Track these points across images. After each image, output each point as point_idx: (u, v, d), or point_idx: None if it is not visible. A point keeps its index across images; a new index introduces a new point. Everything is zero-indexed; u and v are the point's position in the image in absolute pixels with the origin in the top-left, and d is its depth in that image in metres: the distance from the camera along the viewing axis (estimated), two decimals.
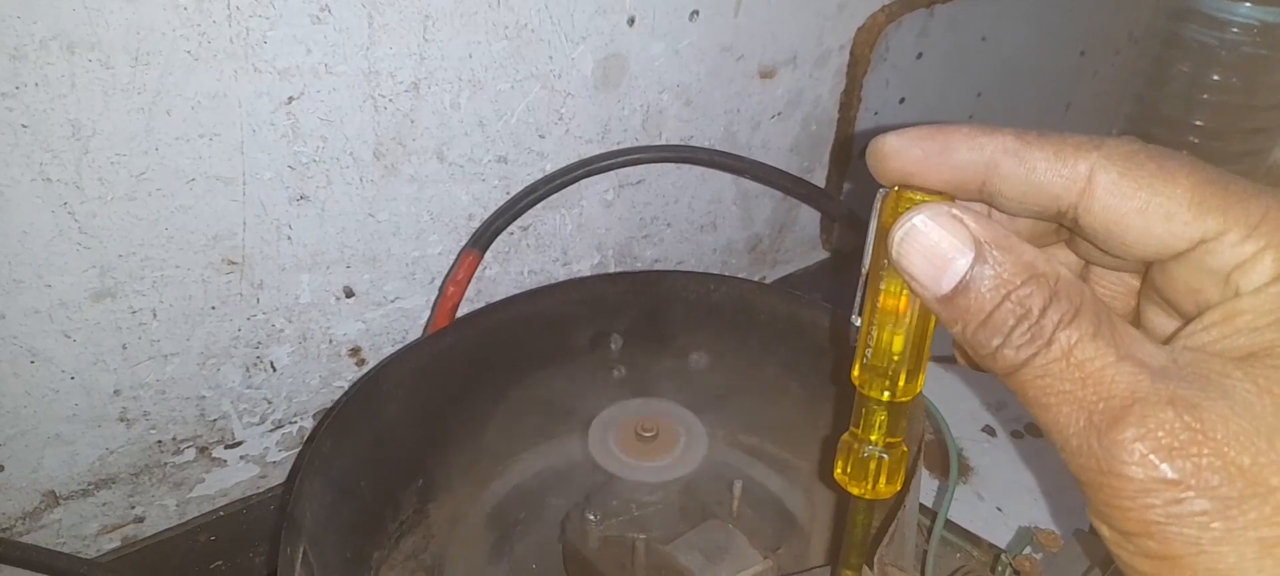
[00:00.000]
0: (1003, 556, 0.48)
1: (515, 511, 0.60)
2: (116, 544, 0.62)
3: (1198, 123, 0.98)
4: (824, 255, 0.95)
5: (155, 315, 0.55)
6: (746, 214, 0.85)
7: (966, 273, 0.24)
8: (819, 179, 0.87)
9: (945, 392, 0.79)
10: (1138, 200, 0.25)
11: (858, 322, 0.29)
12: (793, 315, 0.62)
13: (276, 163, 0.55)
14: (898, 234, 0.26)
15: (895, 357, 0.28)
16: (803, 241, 0.92)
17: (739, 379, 0.64)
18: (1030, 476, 0.73)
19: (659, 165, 0.74)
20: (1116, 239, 0.26)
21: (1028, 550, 0.47)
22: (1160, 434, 0.22)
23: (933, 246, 0.25)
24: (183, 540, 0.63)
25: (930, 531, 0.52)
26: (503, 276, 0.70)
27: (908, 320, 0.28)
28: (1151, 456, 0.22)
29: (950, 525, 0.58)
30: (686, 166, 0.76)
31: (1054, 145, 0.26)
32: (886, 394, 0.29)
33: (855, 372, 0.30)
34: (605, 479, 0.52)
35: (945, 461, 0.53)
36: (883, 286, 0.28)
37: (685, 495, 0.54)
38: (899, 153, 0.27)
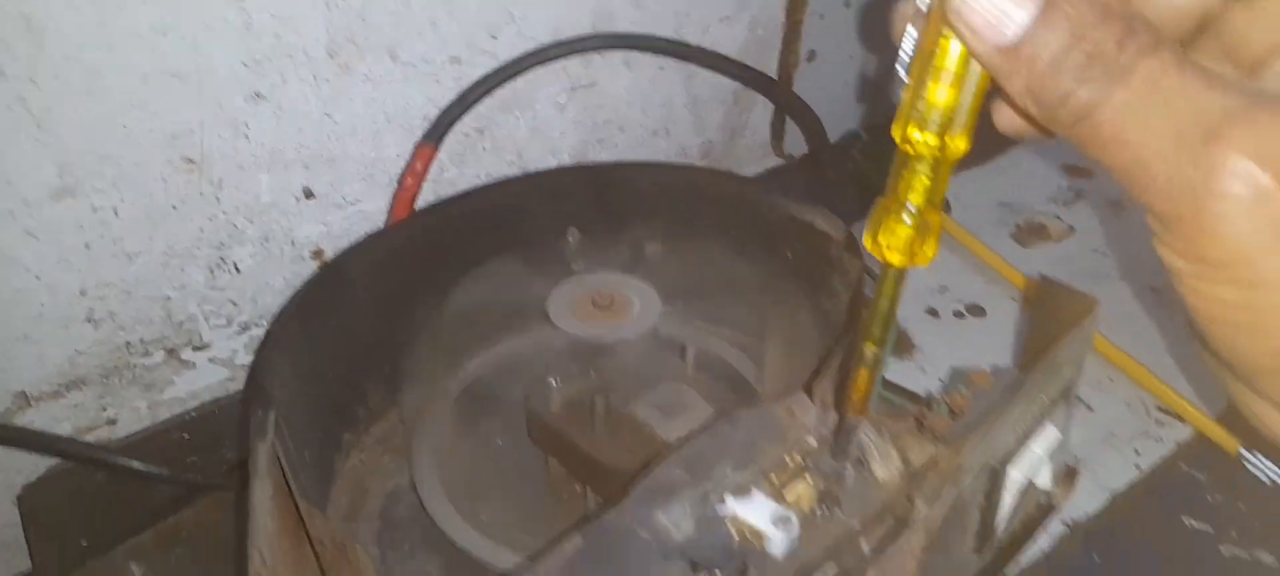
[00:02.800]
0: (937, 396, 0.51)
1: (480, 392, 0.62)
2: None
3: None
4: (776, 161, 0.97)
5: (117, 213, 0.57)
6: (698, 119, 0.87)
7: (1035, 16, 0.23)
8: None
9: None
10: None
11: (904, 76, 0.28)
12: (740, 197, 0.64)
13: (231, 59, 0.56)
14: None
15: (950, 112, 0.27)
16: (754, 147, 0.95)
17: (692, 263, 0.66)
18: (971, 353, 0.77)
19: (610, 69, 0.76)
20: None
21: (961, 388, 0.50)
22: (1263, 144, 0.22)
23: None
24: (156, 438, 0.65)
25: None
26: (460, 180, 0.72)
27: (965, 71, 0.26)
28: (1254, 167, 0.22)
29: (890, 384, 0.61)
30: (637, 70, 0.78)
31: None
32: (935, 150, 0.28)
33: (898, 130, 0.28)
34: (565, 345, 0.54)
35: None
36: (947, 32, 0.26)
37: (642, 360, 0.57)
38: None
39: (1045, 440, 0.48)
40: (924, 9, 0.27)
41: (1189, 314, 0.25)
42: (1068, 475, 0.57)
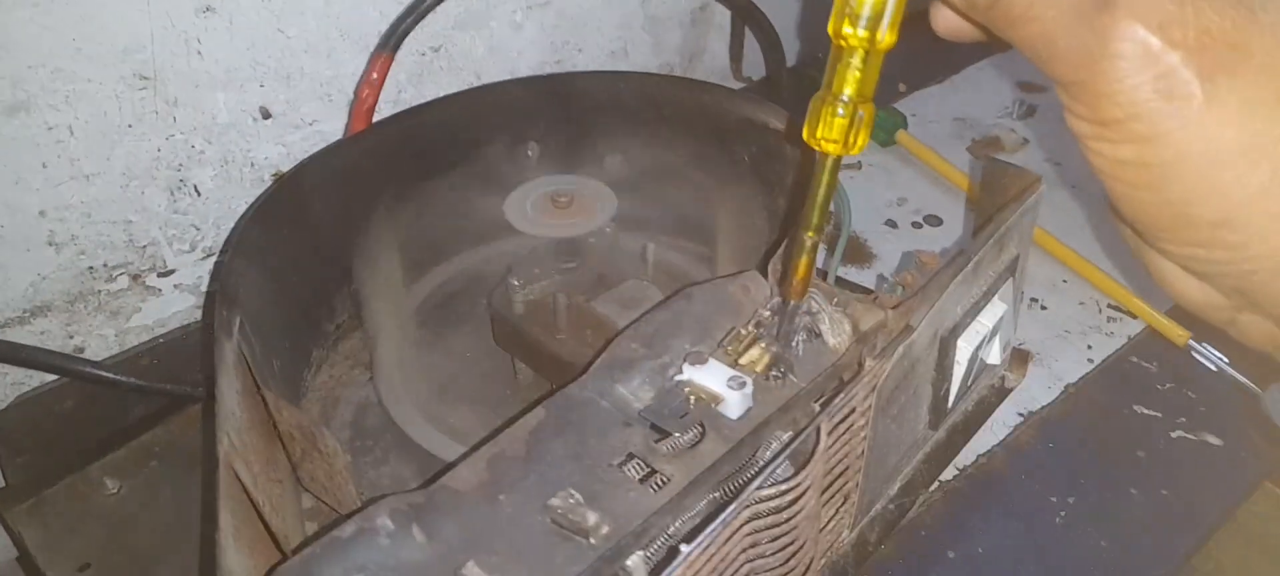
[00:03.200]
0: (889, 277, 0.52)
1: (444, 302, 0.63)
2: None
3: None
4: (736, 85, 0.98)
5: (72, 132, 0.56)
6: (656, 40, 0.87)
7: None
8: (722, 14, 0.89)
9: (849, 188, 0.83)
10: None
11: None
12: (696, 102, 0.65)
13: None
14: None
15: (877, 5, 0.29)
16: (713, 71, 0.95)
17: (651, 171, 0.67)
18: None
19: None
20: None
21: (912, 269, 0.51)
22: (1150, 6, 0.24)
23: None
24: (124, 365, 0.65)
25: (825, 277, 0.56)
26: (417, 98, 0.72)
27: None
28: (1140, 29, 0.24)
29: (843, 281, 0.63)
30: None
31: None
32: (865, 43, 0.30)
33: (833, 24, 0.30)
34: (526, 244, 0.55)
35: (837, 230, 0.57)
36: None
37: (602, 262, 0.58)
38: None
39: (992, 312, 0.50)
40: None
41: (1100, 180, 0.28)
42: (1020, 358, 0.59)
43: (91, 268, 0.62)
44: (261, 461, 0.44)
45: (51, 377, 0.63)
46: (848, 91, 0.32)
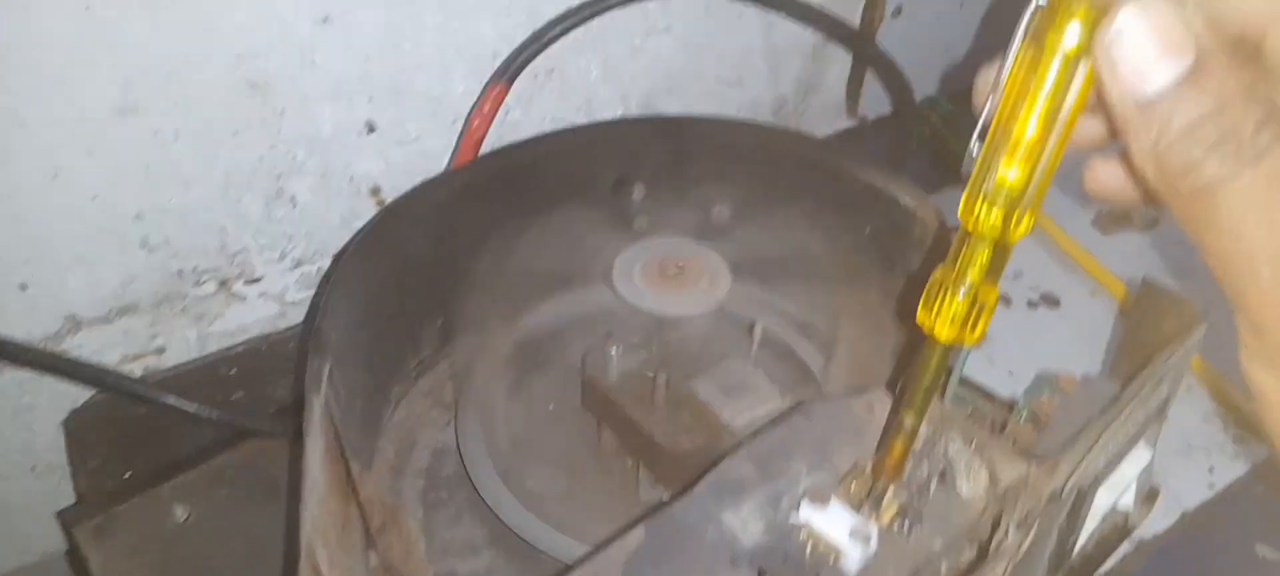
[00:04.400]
0: (1021, 400, 0.48)
1: (534, 350, 0.60)
2: (139, 373, 0.62)
3: None
4: (849, 123, 0.93)
5: (177, 136, 0.55)
6: (774, 71, 0.83)
7: (1181, 76, 0.22)
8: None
9: None
10: None
11: (977, 150, 0.27)
12: (820, 163, 0.61)
13: None
14: (1119, 18, 0.23)
15: (1019, 192, 0.26)
16: (828, 107, 0.90)
17: (762, 230, 0.63)
18: (1043, 344, 0.73)
19: (689, 13, 0.72)
20: None
21: (1047, 394, 0.47)
22: None
23: (1148, 42, 0.23)
24: (203, 371, 0.64)
25: (945, 383, 0.52)
26: (525, 122, 0.69)
27: (1040, 150, 0.26)
28: None
29: (965, 382, 0.58)
30: (716, 15, 0.74)
31: None
32: (998, 231, 0.27)
33: (965, 206, 0.28)
34: (628, 314, 0.52)
35: None
36: (1023, 110, 0.26)
37: (706, 336, 0.54)
38: None
39: (1136, 460, 0.45)
40: (1003, 81, 0.26)
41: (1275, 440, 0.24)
42: (1149, 496, 0.54)
43: (181, 271, 0.60)
44: (337, 527, 0.42)
45: (138, 374, 0.62)
46: (971, 277, 0.28)
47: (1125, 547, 0.56)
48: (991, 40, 0.95)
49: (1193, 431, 0.66)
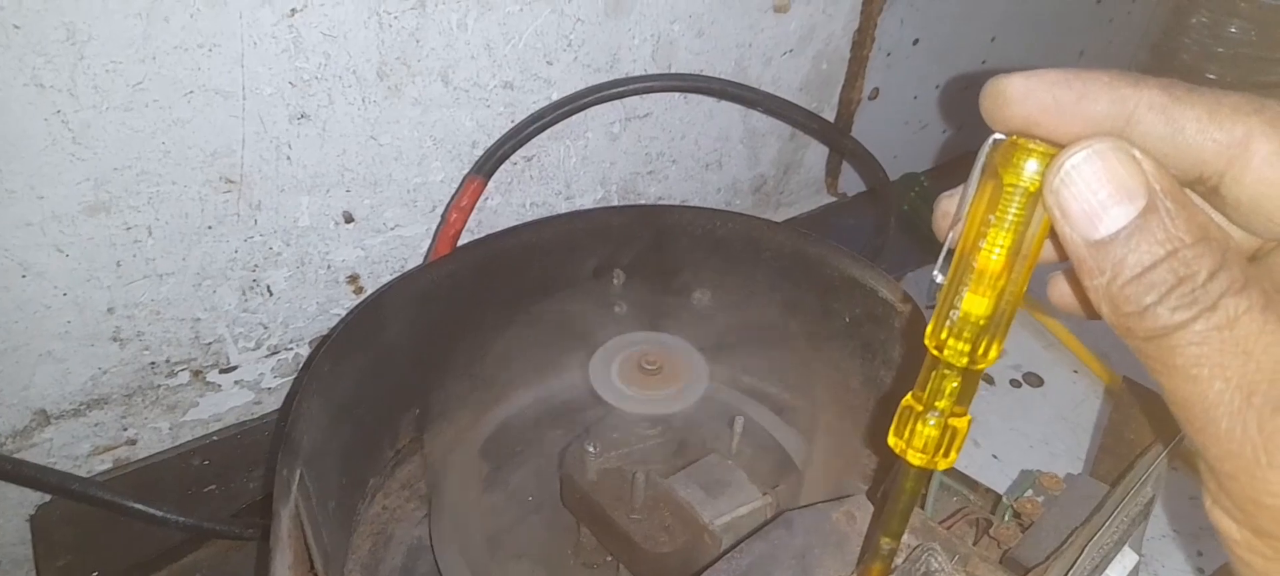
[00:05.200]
0: (1004, 498, 0.47)
1: (513, 441, 0.60)
2: (108, 465, 0.61)
3: (1212, 76, 0.96)
4: (829, 199, 0.94)
5: (150, 232, 0.54)
6: (753, 153, 0.83)
7: (1132, 220, 0.22)
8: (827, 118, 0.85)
9: None
10: None
11: (941, 280, 0.27)
12: (799, 253, 0.61)
13: (277, 78, 0.53)
14: (1067, 162, 0.23)
15: (982, 322, 0.26)
16: (808, 183, 0.91)
17: (742, 317, 0.63)
18: (1026, 425, 0.73)
19: (667, 99, 0.73)
20: (1263, 215, 0.23)
21: (1030, 493, 0.46)
22: None
23: (1100, 184, 0.22)
24: (176, 463, 0.63)
25: (929, 477, 0.51)
26: (505, 207, 0.69)
27: (1005, 282, 0.26)
28: None
29: (949, 470, 0.57)
30: (694, 102, 0.74)
31: (1207, 104, 0.23)
32: (965, 360, 0.27)
33: (932, 335, 0.27)
34: (605, 410, 0.51)
35: None
36: (984, 244, 0.26)
37: (686, 430, 0.53)
38: (1026, 97, 0.24)
39: (1122, 565, 0.44)
40: (964, 213, 0.26)
41: None
42: None
43: (153, 363, 0.59)
44: None
45: (99, 469, 0.61)
46: (940, 405, 0.28)
47: None
48: (966, 118, 0.96)
49: (1179, 516, 0.65)
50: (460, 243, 0.61)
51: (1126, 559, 0.45)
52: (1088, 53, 1.06)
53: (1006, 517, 0.47)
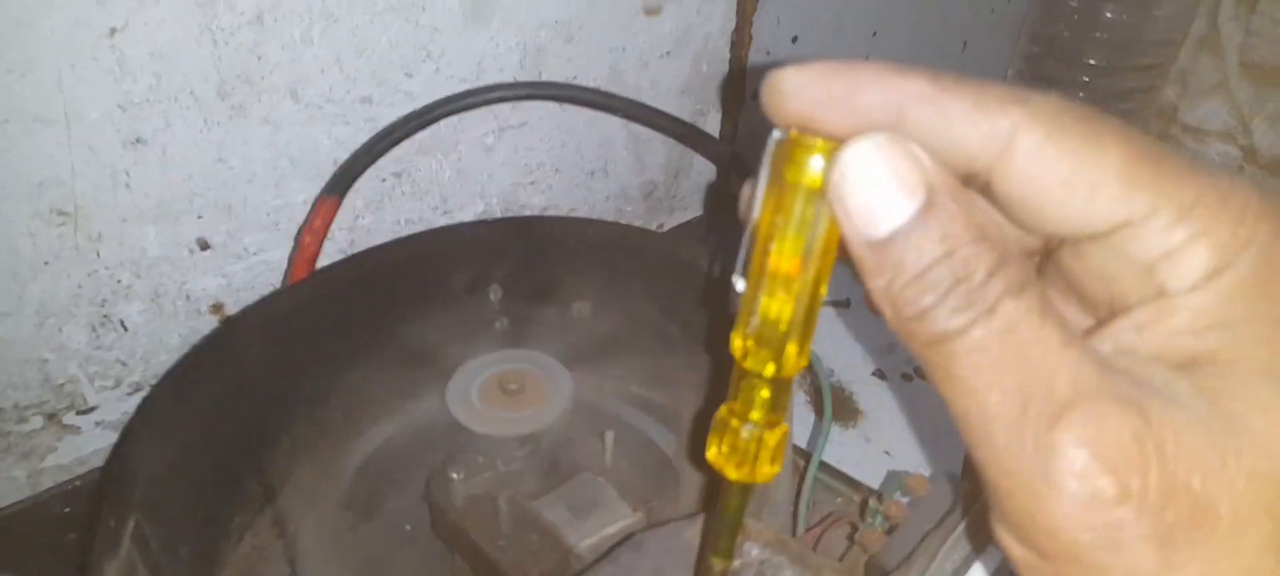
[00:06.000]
0: (871, 501, 0.47)
1: (386, 468, 0.57)
2: None
3: (1090, 61, 0.98)
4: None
5: None
6: (638, 159, 0.82)
7: (910, 218, 0.21)
8: (712, 122, 0.85)
9: (834, 334, 0.78)
10: (1062, 170, 0.21)
11: (741, 287, 0.26)
12: (672, 256, 0.60)
13: (104, 101, 0.50)
14: (844, 157, 0.22)
15: (783, 327, 0.25)
16: (699, 187, 0.90)
17: (622, 326, 0.62)
18: (919, 418, 0.73)
19: (542, 108, 0.71)
20: (1032, 211, 0.22)
21: (898, 494, 0.46)
22: (1106, 441, 0.20)
23: (878, 181, 0.21)
24: (35, 512, 0.59)
25: (804, 473, 0.51)
26: (377, 226, 0.67)
27: (801, 284, 0.25)
28: (1094, 466, 0.20)
29: (828, 467, 0.57)
30: (572, 109, 0.73)
31: (974, 95, 0.22)
32: (771, 368, 0.26)
33: (736, 343, 0.26)
34: (469, 436, 0.50)
35: (819, 401, 0.52)
36: (774, 245, 0.24)
37: (556, 448, 0.52)
38: (798, 91, 0.23)
39: (989, 563, 0.44)
40: (756, 212, 0.25)
41: None
42: None
43: (0, 409, 0.56)
44: None
45: None
46: (754, 417, 0.27)
47: None
48: None
49: None
50: (323, 264, 0.59)
51: (991, 558, 0.45)
52: (971, 44, 1.07)
53: (876, 521, 0.47)
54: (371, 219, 0.66)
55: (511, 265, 0.62)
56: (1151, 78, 1.00)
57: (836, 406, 0.71)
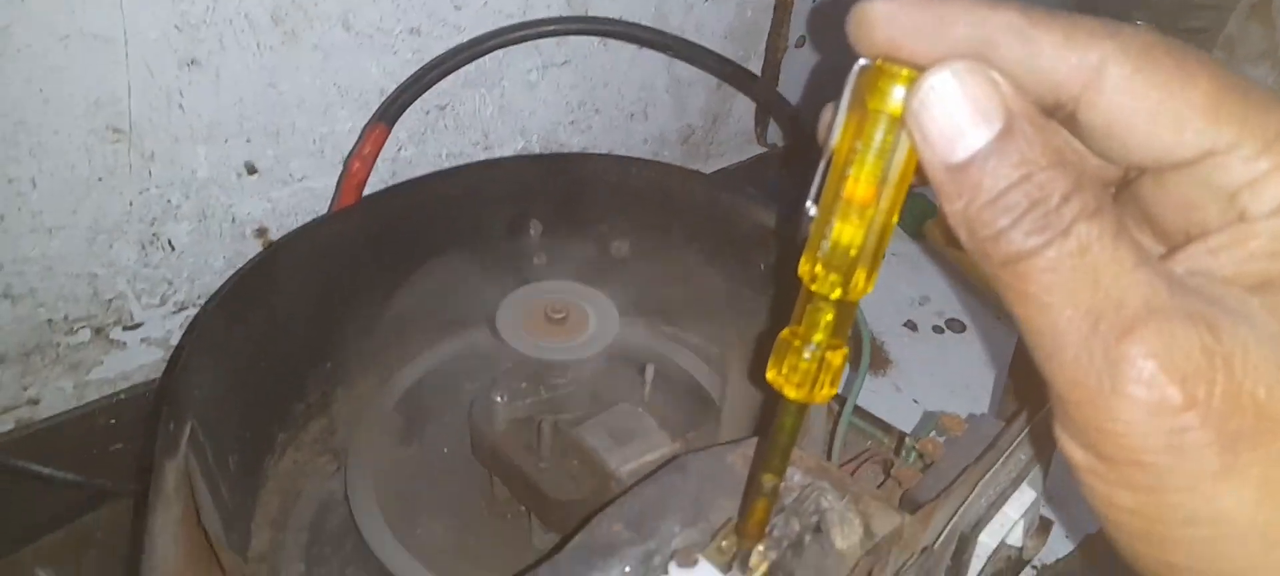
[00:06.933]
0: (907, 439, 0.48)
1: (428, 394, 0.59)
2: (10, 426, 0.59)
3: (1139, 21, 0.96)
4: (759, 150, 0.93)
5: (35, 184, 0.52)
6: (679, 103, 0.82)
7: (989, 142, 0.22)
8: (754, 69, 0.85)
9: None
10: (1150, 100, 0.22)
11: (813, 212, 0.27)
12: (715, 201, 0.60)
13: (162, 22, 0.51)
14: (926, 84, 0.23)
15: (853, 252, 0.26)
16: (737, 134, 0.90)
17: (659, 266, 0.63)
18: (948, 370, 0.73)
19: (586, 47, 0.71)
20: (1117, 140, 0.23)
21: (933, 433, 0.47)
22: (1175, 353, 0.20)
23: (958, 106, 0.22)
24: (80, 423, 0.61)
25: (838, 417, 0.51)
26: (419, 158, 0.68)
27: (873, 211, 0.25)
28: (1161, 376, 0.20)
29: (862, 412, 0.58)
30: (614, 49, 0.73)
31: (1064, 28, 0.23)
32: (838, 292, 0.27)
33: (804, 267, 0.27)
34: (514, 360, 0.51)
35: (858, 348, 0.52)
36: (851, 171, 0.25)
37: (596, 378, 0.53)
38: (887, 21, 0.24)
39: (1020, 501, 0.45)
40: (835, 138, 0.25)
41: (1091, 508, 0.24)
42: (1041, 527, 0.54)
43: (50, 321, 0.57)
44: None
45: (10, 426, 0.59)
46: (816, 338, 0.28)
47: (1029, 571, 0.56)
48: None
49: None
50: (368, 193, 0.60)
51: (1025, 496, 0.45)
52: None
53: (910, 458, 0.48)
54: (413, 151, 0.67)
55: (553, 202, 0.63)
56: (1199, 43, 0.99)
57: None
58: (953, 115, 0.22)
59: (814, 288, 0.27)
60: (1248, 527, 0.21)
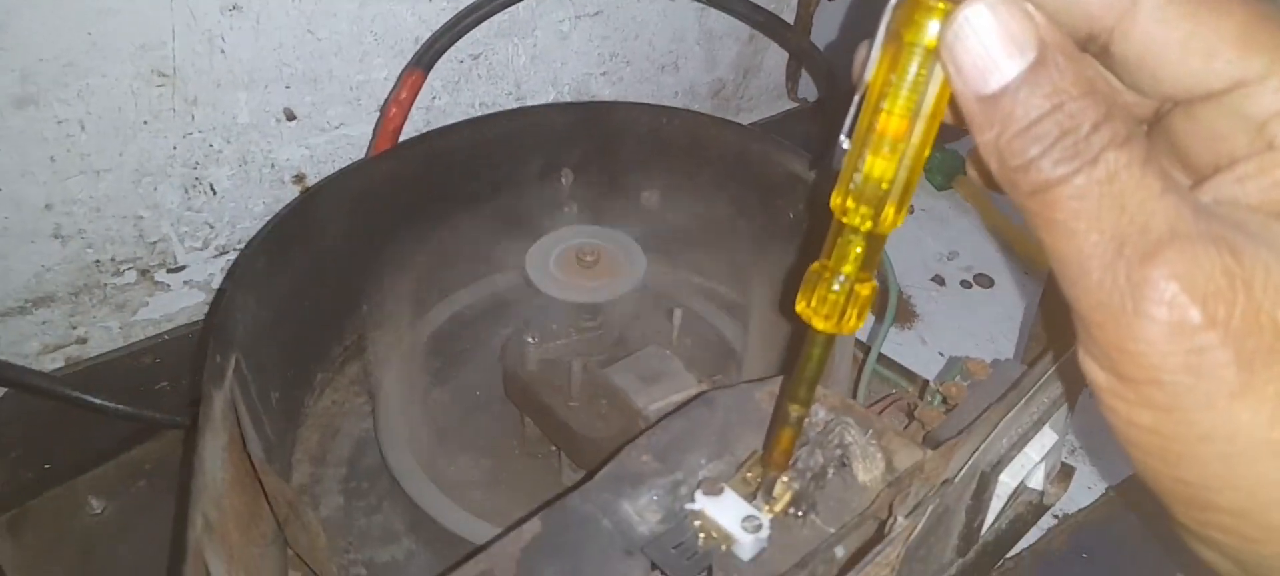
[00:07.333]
0: (932, 383, 0.48)
1: (459, 337, 0.60)
2: (59, 364, 0.61)
3: None
4: (790, 105, 0.93)
5: (83, 127, 0.54)
6: (710, 55, 0.82)
7: (1022, 73, 0.22)
8: (787, 19, 0.84)
9: (894, 238, 0.79)
10: (1182, 30, 0.22)
11: (846, 145, 0.27)
12: (746, 151, 0.61)
13: None
14: (961, 15, 0.23)
15: (885, 185, 0.27)
16: (768, 89, 0.90)
17: (689, 216, 0.63)
18: (975, 323, 0.74)
19: None
20: (1149, 71, 0.24)
21: (957, 377, 0.47)
22: (1197, 274, 0.21)
23: (992, 38, 0.22)
24: (127, 361, 0.63)
25: (862, 363, 0.52)
26: (452, 107, 0.69)
27: (907, 145, 0.26)
28: (1183, 296, 0.21)
29: (887, 360, 0.58)
30: (645, 2, 0.73)
31: None
32: (868, 224, 0.27)
33: (836, 200, 0.28)
34: (545, 302, 0.52)
35: (884, 298, 0.53)
36: (885, 105, 0.26)
37: (626, 322, 0.54)
38: None
39: (1041, 443, 0.45)
40: (869, 72, 0.26)
41: (1113, 430, 0.24)
42: (1063, 474, 0.55)
43: (98, 261, 0.59)
44: (241, 525, 0.42)
45: (50, 367, 0.61)
46: (846, 270, 0.29)
47: (1049, 521, 0.56)
48: None
49: None
50: (403, 139, 0.61)
51: (1046, 438, 0.46)
52: None
53: (934, 402, 0.48)
54: (447, 99, 0.68)
55: (584, 150, 0.64)
56: None
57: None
58: (986, 46, 0.23)
59: (845, 220, 0.28)
60: (1261, 444, 0.22)
